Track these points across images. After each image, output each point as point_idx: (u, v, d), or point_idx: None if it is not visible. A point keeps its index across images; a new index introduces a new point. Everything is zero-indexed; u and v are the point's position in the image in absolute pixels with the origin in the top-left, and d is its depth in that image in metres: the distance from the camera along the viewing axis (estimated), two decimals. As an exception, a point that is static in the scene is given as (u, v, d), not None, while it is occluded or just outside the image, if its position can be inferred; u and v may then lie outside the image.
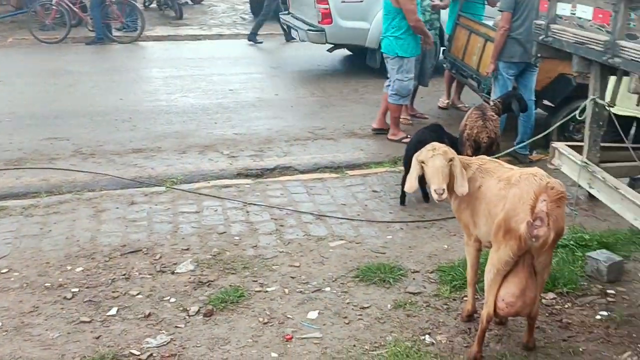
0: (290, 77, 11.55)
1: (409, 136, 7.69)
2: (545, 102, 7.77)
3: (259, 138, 8.03)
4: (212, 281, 4.60)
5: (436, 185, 3.73)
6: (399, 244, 5.30)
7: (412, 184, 3.95)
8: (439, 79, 9.83)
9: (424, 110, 9.15)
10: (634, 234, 5.28)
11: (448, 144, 4.67)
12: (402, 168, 6.27)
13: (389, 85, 7.95)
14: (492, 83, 7.26)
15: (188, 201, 5.99)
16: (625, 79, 3.93)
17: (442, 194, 3.72)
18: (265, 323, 4.11)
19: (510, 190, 3.45)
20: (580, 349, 3.79)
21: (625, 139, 4.11)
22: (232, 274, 4.71)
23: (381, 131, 8.11)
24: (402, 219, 5.78)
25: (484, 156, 4.27)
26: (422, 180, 5.93)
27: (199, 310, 4.22)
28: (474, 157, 4.15)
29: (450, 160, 3.77)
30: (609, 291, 4.51)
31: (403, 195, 6.08)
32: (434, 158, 3.77)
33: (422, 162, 3.84)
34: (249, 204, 5.94)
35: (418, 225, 5.68)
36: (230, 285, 4.52)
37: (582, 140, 4.78)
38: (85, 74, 11.36)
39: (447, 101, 9.46)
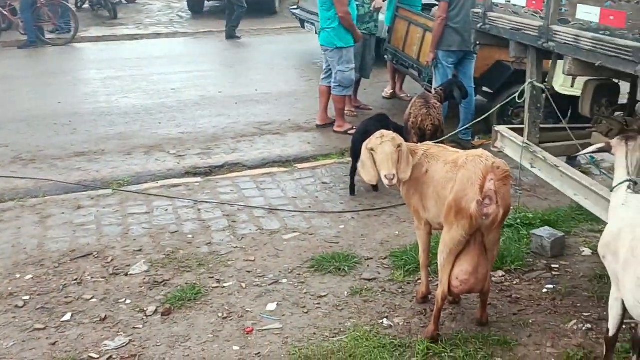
0: (232, 74, 11.49)
1: (354, 127, 7.79)
2: (485, 88, 8.02)
3: (205, 136, 7.97)
4: (167, 280, 4.56)
5: (386, 170, 3.82)
6: (351, 233, 5.38)
7: (372, 175, 4.00)
8: (380, 70, 9.97)
9: (368, 102, 9.27)
10: (573, 211, 5.54)
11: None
12: (350, 159, 6.35)
13: (324, 78, 8.03)
14: (433, 72, 7.43)
15: (137, 202, 5.91)
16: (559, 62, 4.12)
17: (392, 179, 3.81)
18: (224, 318, 4.12)
19: (458, 172, 3.57)
20: (530, 321, 3.96)
21: (562, 119, 4.30)
22: (188, 272, 4.68)
23: (326, 126, 8.16)
24: (353, 209, 5.86)
25: (430, 142, 4.40)
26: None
27: (156, 310, 4.19)
28: (419, 144, 4.27)
29: (399, 146, 3.86)
30: (553, 265, 4.72)
31: (353, 185, 6.18)
32: (383, 145, 3.86)
33: (372, 150, 3.92)
34: (200, 202, 5.91)
35: (369, 214, 5.78)
36: (186, 283, 4.50)
37: (520, 125, 4.96)
38: (20, 78, 10.99)
39: (390, 91, 9.62)
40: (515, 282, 4.51)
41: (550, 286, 4.42)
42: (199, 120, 8.59)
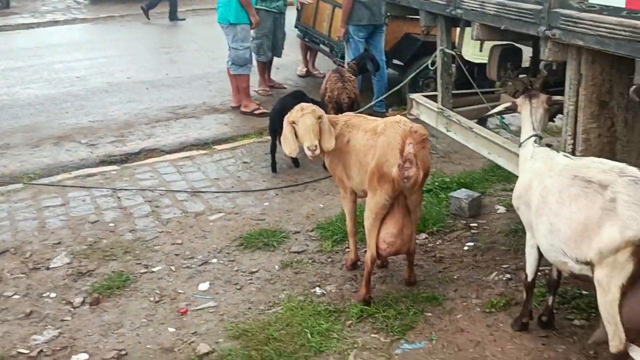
0: (141, 59, 11.13)
1: (261, 107, 7.79)
2: (396, 61, 8.22)
3: (117, 123, 7.72)
4: (92, 270, 4.44)
5: (309, 142, 3.88)
6: (276, 209, 5.43)
7: (292, 147, 4.05)
8: (292, 48, 9.98)
9: (282, 80, 9.28)
10: (486, 173, 5.83)
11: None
12: (269, 137, 6.37)
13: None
14: (345, 47, 7.54)
15: (51, 195, 5.67)
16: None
17: (315, 150, 3.88)
18: (157, 302, 4.06)
19: (378, 139, 3.68)
20: (455, 277, 4.16)
21: (474, 84, 4.50)
22: (113, 260, 4.57)
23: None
24: (276, 186, 5.90)
25: (349, 112, 4.49)
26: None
27: (84, 300, 4.08)
28: (339, 115, 4.36)
29: (319, 118, 3.93)
30: (472, 225, 4.95)
31: (274, 163, 6.20)
32: (304, 117, 3.91)
33: (293, 123, 3.96)
34: (119, 189, 5.75)
35: (292, 189, 5.84)
36: (113, 272, 4.40)
37: (433, 93, 5.14)
38: None
39: (305, 69, 9.67)
40: (438, 243, 4.71)
41: (471, 244, 4.64)
42: (109, 108, 8.31)
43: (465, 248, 4.59)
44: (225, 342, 3.62)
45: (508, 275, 4.11)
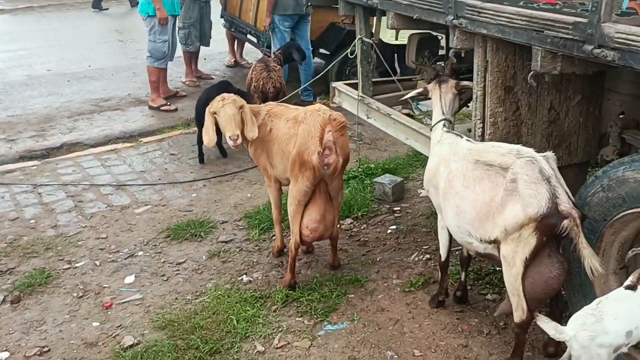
0: (61, 51, 10.77)
1: (169, 104, 7.71)
2: (322, 50, 8.31)
3: (37, 117, 7.49)
4: (12, 268, 4.33)
5: (230, 132, 3.91)
6: (204, 199, 5.43)
7: (210, 137, 4.07)
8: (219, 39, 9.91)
9: (210, 71, 9.22)
10: (410, 158, 6.01)
11: (237, 98, 4.88)
12: (196, 128, 6.34)
13: None
14: (271, 36, 7.56)
15: (-33, 193, 5.48)
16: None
17: (237, 140, 3.91)
18: (80, 297, 4.01)
19: (298, 128, 3.75)
20: (378, 259, 4.30)
21: (391, 72, 4.63)
22: (34, 257, 4.47)
23: (169, 98, 7.96)
24: (204, 177, 5.89)
25: (272, 102, 4.54)
26: (218, 136, 6.08)
27: (4, 299, 3.98)
28: (262, 104, 4.40)
29: (241, 107, 3.96)
30: (395, 208, 5.11)
31: (201, 154, 6.18)
32: (225, 107, 3.93)
33: (215, 113, 3.98)
34: (40, 185, 5.61)
35: (220, 180, 5.85)
36: (34, 269, 4.30)
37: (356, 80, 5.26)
38: None
39: (233, 59, 9.63)
40: (362, 227, 4.84)
41: (394, 227, 4.79)
42: (29, 102, 8.04)
43: (389, 231, 4.74)
44: (150, 334, 3.62)
45: (427, 256, 4.28)
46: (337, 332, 3.50)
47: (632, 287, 2.58)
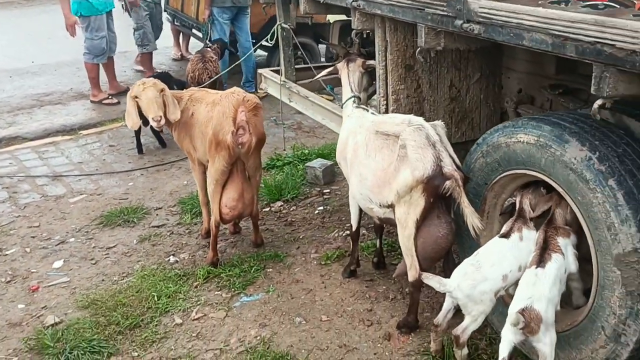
0: (4, 46, 10.68)
1: (111, 97, 7.76)
2: (264, 42, 8.41)
3: (-23, 113, 7.48)
4: (-58, 257, 4.39)
5: (153, 114, 4.03)
6: (140, 188, 5.53)
7: (133, 121, 4.18)
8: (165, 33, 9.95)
9: (156, 65, 9.24)
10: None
11: (177, 89, 5.02)
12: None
13: None
14: (210, 29, 7.66)
15: None
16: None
17: (160, 121, 4.04)
18: (8, 282, 4.09)
19: (214, 110, 3.89)
20: (301, 237, 4.46)
21: (308, 60, 4.79)
22: (-37, 246, 4.54)
23: (120, 94, 7.94)
24: (141, 167, 5.98)
25: (194, 88, 4.67)
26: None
27: None
28: (185, 90, 4.53)
29: (162, 90, 4.08)
30: (325, 191, 5.28)
31: (139, 144, 6.27)
32: (145, 91, 4.05)
33: (136, 97, 4.09)
34: (-26, 177, 5.65)
35: (158, 169, 5.95)
36: (-37, 257, 4.37)
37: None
38: None
39: (179, 53, 9.69)
40: (292, 209, 5.00)
41: (321, 208, 4.96)
42: (-33, 97, 8.02)
43: (316, 212, 4.91)
44: (74, 313, 3.73)
45: (347, 232, 4.45)
46: (251, 303, 3.66)
47: (505, 235, 2.81)
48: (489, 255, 2.78)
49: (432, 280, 2.79)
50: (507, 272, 2.73)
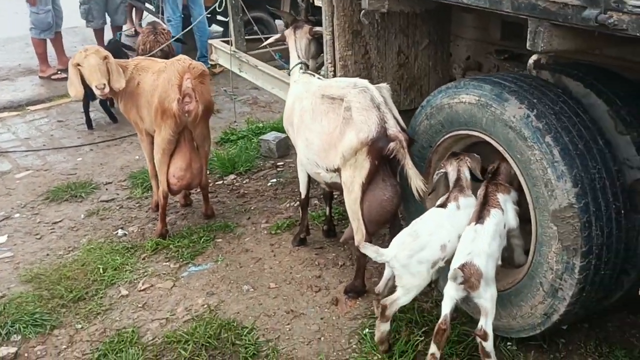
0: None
1: (59, 72, 7.55)
2: (220, 17, 8.28)
3: None
4: None
5: (96, 81, 3.92)
6: (89, 163, 5.40)
7: (76, 89, 4.06)
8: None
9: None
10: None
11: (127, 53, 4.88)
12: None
13: None
14: (162, 2, 7.48)
15: None
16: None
17: (103, 89, 3.93)
18: (-52, 258, 3.97)
19: (159, 78, 3.80)
20: (252, 208, 4.42)
21: (259, 31, 4.73)
22: None
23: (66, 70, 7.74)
24: (91, 142, 5.85)
25: (140, 57, 4.56)
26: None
27: None
28: (131, 59, 4.41)
29: (105, 57, 3.97)
30: (279, 164, 5.24)
31: (89, 119, 6.12)
32: (88, 58, 3.93)
33: (78, 65, 3.97)
34: None
35: (108, 144, 5.82)
36: None
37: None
38: None
39: (133, 29, 9.46)
40: (245, 182, 4.95)
41: (274, 180, 4.92)
42: None
43: (269, 184, 4.87)
44: (16, 287, 3.63)
45: (299, 202, 4.43)
46: (199, 273, 3.62)
47: (442, 206, 2.80)
48: (426, 225, 2.76)
49: (370, 250, 2.75)
50: (445, 241, 2.70)
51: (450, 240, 2.71)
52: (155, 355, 2.96)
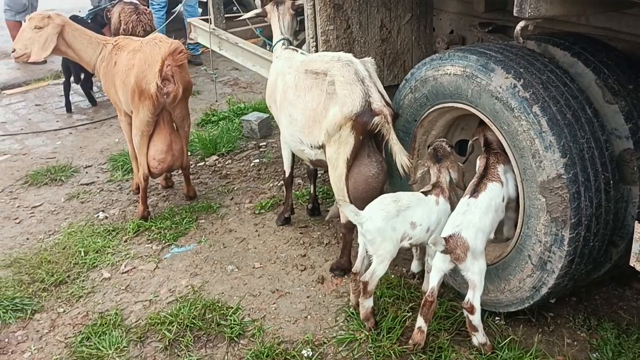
0: None
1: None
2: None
3: None
4: None
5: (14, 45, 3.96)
6: (69, 147, 5.30)
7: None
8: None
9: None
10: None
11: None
12: (64, 78, 6.12)
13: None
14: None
15: None
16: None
17: (14, 52, 4.02)
18: None
19: (136, 57, 3.70)
20: (235, 189, 4.36)
21: (240, 9, 4.62)
22: None
23: None
24: (70, 125, 5.74)
25: (120, 36, 4.45)
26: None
27: None
28: (110, 37, 4.30)
29: (37, 28, 3.90)
30: (261, 144, 5.17)
31: (68, 102, 6.00)
32: (29, 21, 3.88)
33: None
34: None
35: (88, 127, 5.71)
36: None
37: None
38: None
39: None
40: (227, 163, 4.88)
41: (257, 160, 4.85)
42: None
43: (252, 164, 4.80)
44: (-5, 272, 3.55)
45: (282, 182, 4.37)
46: (182, 254, 3.55)
47: (425, 193, 2.77)
48: (410, 196, 2.73)
49: (347, 209, 2.69)
50: (416, 220, 2.67)
51: (421, 225, 2.68)
52: (139, 337, 2.91)
